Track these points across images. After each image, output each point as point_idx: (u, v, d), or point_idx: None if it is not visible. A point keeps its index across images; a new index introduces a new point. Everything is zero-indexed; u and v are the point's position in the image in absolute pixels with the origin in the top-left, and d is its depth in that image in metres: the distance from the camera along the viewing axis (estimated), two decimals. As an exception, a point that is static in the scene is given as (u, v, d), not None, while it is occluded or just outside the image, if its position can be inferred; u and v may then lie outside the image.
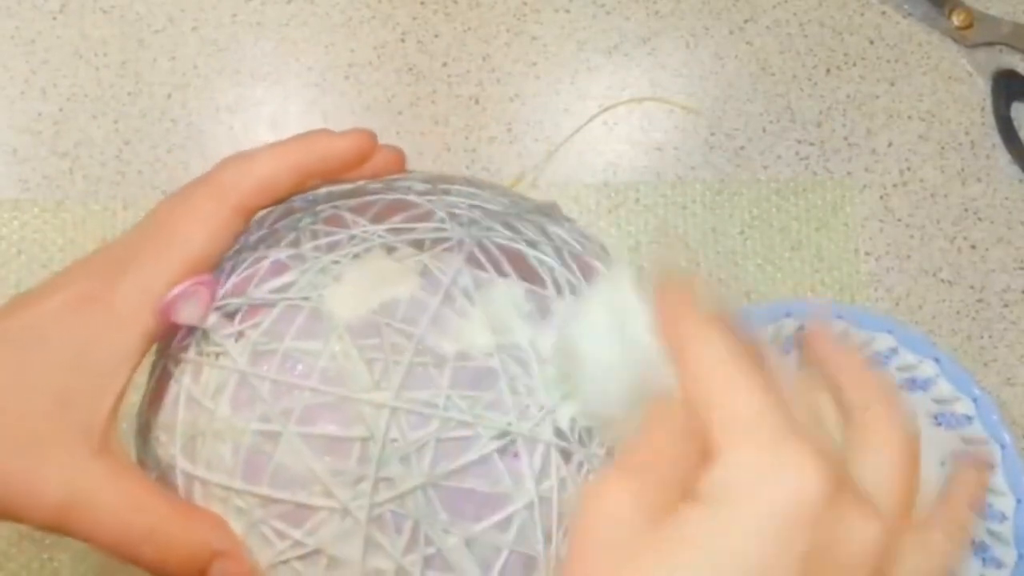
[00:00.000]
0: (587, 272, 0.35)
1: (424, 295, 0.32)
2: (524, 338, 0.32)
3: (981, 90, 0.61)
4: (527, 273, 0.34)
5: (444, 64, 0.59)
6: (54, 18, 0.58)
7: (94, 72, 0.57)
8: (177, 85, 0.57)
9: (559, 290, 0.33)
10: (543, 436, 0.31)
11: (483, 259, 0.33)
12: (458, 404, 0.31)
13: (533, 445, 0.31)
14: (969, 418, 0.51)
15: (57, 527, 0.32)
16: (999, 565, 0.50)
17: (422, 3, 0.59)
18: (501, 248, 0.34)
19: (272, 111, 0.57)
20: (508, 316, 0.32)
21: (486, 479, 0.31)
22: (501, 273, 0.33)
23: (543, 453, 0.31)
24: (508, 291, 0.33)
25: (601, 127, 0.59)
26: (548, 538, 0.31)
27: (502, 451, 0.31)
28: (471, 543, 0.31)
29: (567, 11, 0.60)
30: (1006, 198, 0.59)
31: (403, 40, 0.59)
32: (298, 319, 0.32)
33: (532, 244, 0.34)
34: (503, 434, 0.31)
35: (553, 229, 0.36)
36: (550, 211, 0.37)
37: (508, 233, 0.34)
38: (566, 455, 0.31)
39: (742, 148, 0.59)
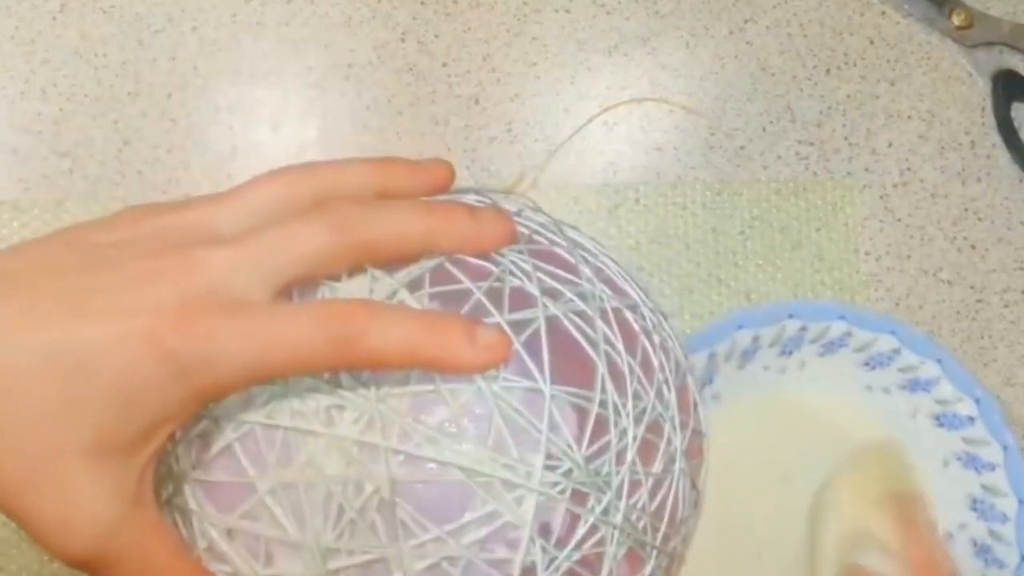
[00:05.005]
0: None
1: None
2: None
3: (981, 90, 0.61)
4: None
5: (444, 64, 0.59)
6: (54, 18, 0.57)
7: (94, 72, 0.57)
8: (177, 85, 0.57)
9: None
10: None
11: None
12: None
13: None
14: (971, 419, 0.51)
15: (82, 570, 0.31)
16: (1001, 566, 0.50)
17: (422, 3, 0.59)
18: None
19: (272, 111, 0.57)
20: None
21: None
22: None
23: None
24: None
25: (601, 127, 0.59)
26: None
27: None
28: None
29: (567, 11, 0.60)
30: (1006, 198, 0.59)
31: (403, 40, 0.59)
32: None
33: None
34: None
35: None
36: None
37: None
38: None
39: (742, 148, 0.59)
